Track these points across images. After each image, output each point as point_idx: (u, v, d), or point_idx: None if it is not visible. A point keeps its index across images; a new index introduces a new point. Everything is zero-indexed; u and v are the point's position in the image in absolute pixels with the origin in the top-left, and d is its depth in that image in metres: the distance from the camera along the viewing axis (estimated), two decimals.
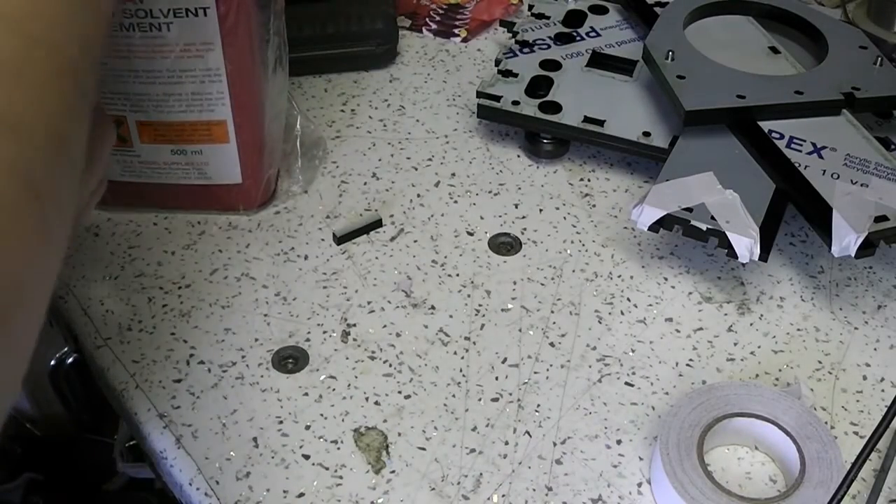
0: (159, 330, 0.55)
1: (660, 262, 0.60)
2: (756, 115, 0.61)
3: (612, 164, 0.67)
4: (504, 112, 0.66)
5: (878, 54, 0.66)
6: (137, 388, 0.52)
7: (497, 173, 0.66)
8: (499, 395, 0.52)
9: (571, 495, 0.47)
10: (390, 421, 0.50)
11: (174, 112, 0.57)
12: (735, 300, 0.57)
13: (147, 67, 0.55)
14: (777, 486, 0.48)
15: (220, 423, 0.50)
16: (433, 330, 0.55)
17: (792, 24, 0.71)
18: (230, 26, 0.54)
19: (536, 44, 0.72)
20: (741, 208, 0.55)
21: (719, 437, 0.48)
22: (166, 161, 0.59)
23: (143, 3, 0.52)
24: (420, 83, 0.75)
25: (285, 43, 0.61)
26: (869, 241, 0.52)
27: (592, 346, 0.54)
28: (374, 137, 0.70)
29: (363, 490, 0.47)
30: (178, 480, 0.48)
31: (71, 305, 0.57)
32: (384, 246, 0.61)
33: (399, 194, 0.65)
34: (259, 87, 0.58)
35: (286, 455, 0.49)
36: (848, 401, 0.52)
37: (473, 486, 0.47)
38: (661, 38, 0.67)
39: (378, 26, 0.75)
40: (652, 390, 0.52)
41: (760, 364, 0.54)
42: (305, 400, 0.51)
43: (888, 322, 0.56)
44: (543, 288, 0.58)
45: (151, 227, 0.62)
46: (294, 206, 0.64)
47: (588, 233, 0.62)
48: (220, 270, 0.59)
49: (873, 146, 0.59)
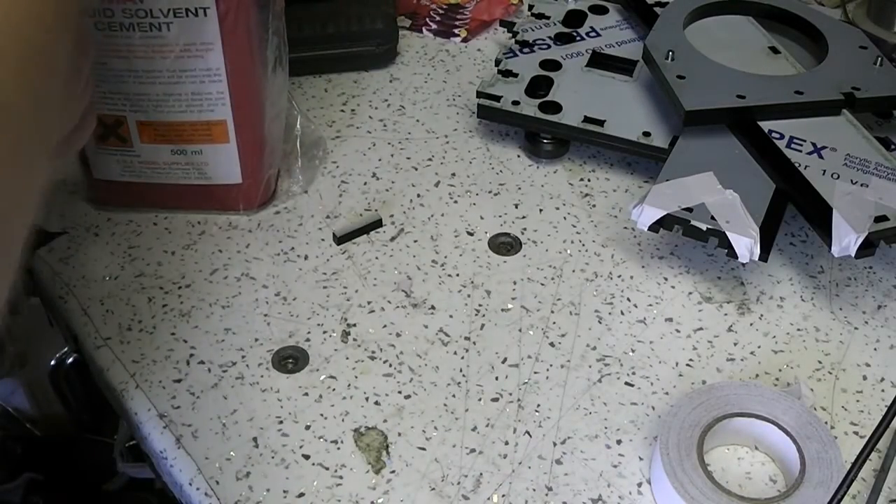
0: (159, 330, 0.55)
1: (660, 262, 0.60)
2: (756, 115, 0.61)
3: (612, 164, 0.67)
4: (504, 112, 0.66)
5: (878, 54, 0.66)
6: (137, 388, 0.52)
7: (497, 173, 0.66)
8: (499, 395, 0.52)
9: (571, 495, 0.47)
10: (390, 421, 0.50)
11: (174, 112, 0.57)
12: (735, 300, 0.57)
13: (147, 67, 0.55)
14: (777, 486, 0.48)
15: (220, 423, 0.50)
16: (433, 330, 0.55)
17: (792, 24, 0.71)
18: (230, 26, 0.54)
19: (536, 44, 0.72)
20: (741, 208, 0.55)
21: (719, 437, 0.48)
22: (166, 161, 0.59)
23: (143, 3, 0.52)
24: (420, 83, 0.75)
25: (285, 43, 0.61)
26: (869, 241, 0.52)
27: (592, 346, 0.54)
28: (374, 137, 0.70)
29: (363, 490, 0.47)
30: (178, 480, 0.48)
31: (71, 305, 0.57)
32: (384, 246, 0.61)
33: (399, 194, 0.65)
34: (259, 87, 0.58)
35: (286, 455, 0.49)
36: (848, 401, 0.52)
37: (473, 486, 0.47)
38: (661, 38, 0.67)
39: (378, 26, 0.75)
40: (652, 390, 0.52)
41: (760, 364, 0.54)
42: (305, 400, 0.51)
43: (888, 322, 0.56)
44: (543, 288, 0.58)
45: (151, 227, 0.62)
46: (294, 206, 0.64)
47: (588, 233, 0.62)
48: (220, 270, 0.59)
49: (873, 146, 0.59)
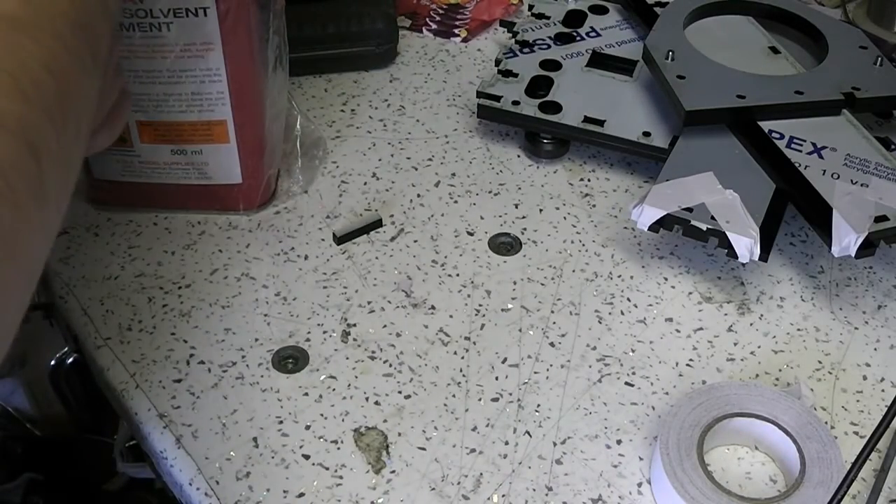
0: (159, 330, 0.55)
1: (660, 262, 0.60)
2: (756, 115, 0.61)
3: (612, 164, 0.67)
4: (504, 112, 0.66)
5: (878, 54, 0.66)
6: (137, 388, 0.52)
7: (497, 173, 0.66)
8: (499, 395, 0.52)
9: (571, 495, 0.47)
10: (390, 421, 0.50)
11: (174, 112, 0.57)
12: (735, 300, 0.57)
13: (147, 67, 0.55)
14: (777, 486, 0.48)
15: (220, 423, 0.50)
16: (433, 330, 0.55)
17: (792, 24, 0.71)
18: (230, 26, 0.54)
19: (536, 44, 0.72)
20: (741, 208, 0.55)
21: (719, 437, 0.48)
22: (166, 161, 0.59)
23: (143, 3, 0.52)
24: (420, 83, 0.75)
25: (285, 43, 0.61)
26: (869, 241, 0.52)
27: (592, 346, 0.54)
28: (374, 137, 0.69)
29: (363, 490, 0.47)
30: (178, 480, 0.48)
31: (71, 305, 0.57)
32: (384, 246, 0.61)
33: (399, 194, 0.64)
34: (259, 87, 0.58)
35: (286, 455, 0.49)
36: (848, 401, 0.52)
37: (473, 486, 0.47)
38: (661, 38, 0.67)
39: (378, 26, 0.75)
40: (652, 390, 0.52)
41: (760, 364, 0.54)
42: (305, 400, 0.51)
43: (888, 322, 0.56)
44: (543, 288, 0.58)
45: (151, 227, 0.62)
46: (294, 206, 0.63)
47: (588, 233, 0.62)
48: (220, 270, 0.59)
49: (873, 146, 0.59)
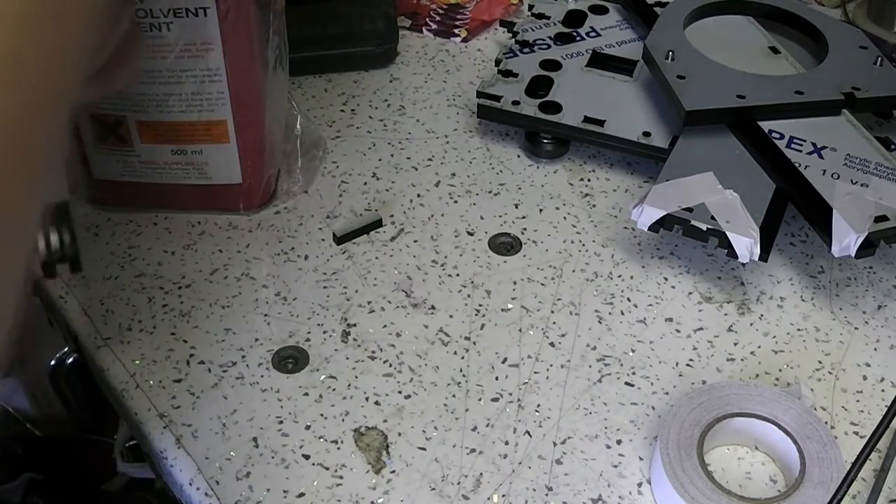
0: (159, 330, 0.55)
1: (660, 262, 0.60)
2: (756, 115, 0.61)
3: (612, 164, 0.67)
4: (504, 112, 0.66)
5: (878, 54, 0.66)
6: (137, 388, 0.52)
7: (497, 173, 0.66)
8: (499, 395, 0.52)
9: (571, 495, 0.47)
10: (390, 421, 0.50)
11: (174, 112, 0.57)
12: (735, 300, 0.57)
13: (147, 67, 0.55)
14: (777, 486, 0.48)
15: (220, 423, 0.50)
16: (433, 330, 0.55)
17: (792, 24, 0.71)
18: (230, 26, 0.54)
19: (536, 44, 0.72)
20: (741, 208, 0.55)
21: (719, 437, 0.48)
22: (166, 161, 0.59)
23: (143, 3, 0.52)
24: (420, 83, 0.75)
25: (285, 43, 0.61)
26: (869, 241, 0.52)
27: (592, 346, 0.54)
28: (374, 137, 0.69)
29: (363, 490, 0.47)
30: (178, 480, 0.48)
31: (71, 305, 0.57)
32: (384, 246, 0.61)
33: (399, 194, 0.64)
34: (259, 87, 0.58)
35: (286, 455, 0.49)
36: (848, 401, 0.52)
37: (473, 486, 0.47)
38: (661, 38, 0.67)
39: (378, 26, 0.75)
40: (652, 390, 0.52)
41: (760, 364, 0.54)
42: (305, 400, 0.51)
43: (888, 322, 0.56)
44: (543, 288, 0.58)
45: (151, 227, 0.62)
46: (294, 206, 0.64)
47: (588, 233, 0.62)
48: (220, 270, 0.59)
49: (873, 146, 0.59)
